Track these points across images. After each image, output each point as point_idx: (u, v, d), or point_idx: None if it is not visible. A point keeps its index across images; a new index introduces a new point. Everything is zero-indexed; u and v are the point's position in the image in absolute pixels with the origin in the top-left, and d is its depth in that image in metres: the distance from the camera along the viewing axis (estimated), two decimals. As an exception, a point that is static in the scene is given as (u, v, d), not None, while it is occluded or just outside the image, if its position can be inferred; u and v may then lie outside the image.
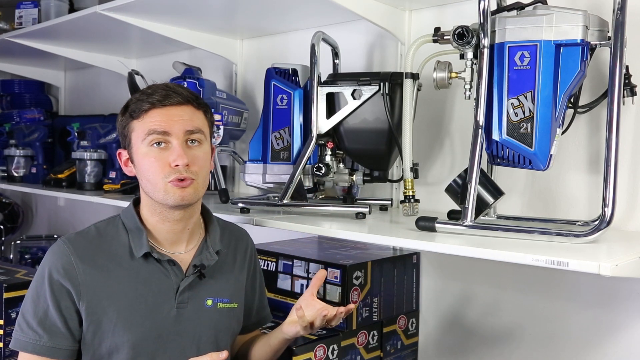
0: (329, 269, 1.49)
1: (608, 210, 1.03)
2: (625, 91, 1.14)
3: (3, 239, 3.10)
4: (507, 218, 1.39)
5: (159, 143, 1.14)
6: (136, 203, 1.24)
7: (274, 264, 1.60)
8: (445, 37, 1.21)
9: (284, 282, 1.58)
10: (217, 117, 1.72)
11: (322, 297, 1.50)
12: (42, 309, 1.13)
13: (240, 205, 1.49)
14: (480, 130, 1.13)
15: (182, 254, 1.22)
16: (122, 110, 1.20)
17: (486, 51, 1.13)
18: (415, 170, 1.35)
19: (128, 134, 1.18)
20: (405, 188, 1.31)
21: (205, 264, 1.21)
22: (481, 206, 1.16)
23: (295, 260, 1.57)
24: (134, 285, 1.16)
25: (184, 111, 1.16)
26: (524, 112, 1.12)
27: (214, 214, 1.39)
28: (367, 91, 1.39)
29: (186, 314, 1.19)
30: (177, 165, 1.13)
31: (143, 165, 1.16)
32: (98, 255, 1.17)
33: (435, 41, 1.24)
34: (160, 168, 1.14)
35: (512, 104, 1.13)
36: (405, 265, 1.63)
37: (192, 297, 1.20)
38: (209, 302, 1.23)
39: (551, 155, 1.13)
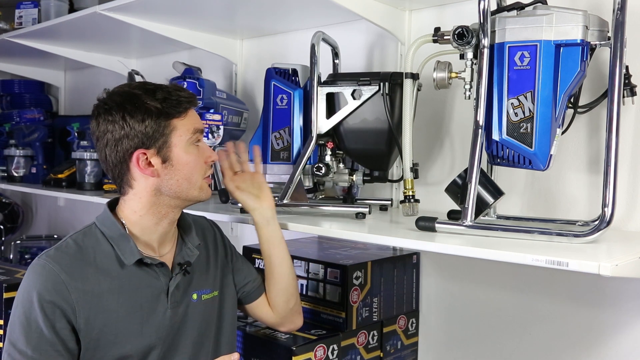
0: (330, 269, 1.50)
1: (608, 210, 1.03)
2: (625, 91, 1.14)
3: (3, 239, 3.10)
4: (507, 218, 1.39)
5: (198, 141, 1.20)
6: (111, 208, 1.22)
7: (274, 264, 1.60)
8: (445, 37, 1.21)
9: (284, 282, 1.58)
10: (217, 117, 1.72)
11: (323, 297, 1.51)
12: (36, 334, 1.06)
13: (240, 205, 1.49)
14: (480, 130, 1.13)
15: (165, 255, 1.23)
16: (146, 111, 1.13)
17: (486, 51, 1.13)
18: (415, 170, 1.35)
19: (167, 132, 1.14)
20: (405, 188, 1.31)
21: (190, 261, 1.23)
22: (481, 206, 1.16)
23: (295, 260, 1.57)
24: (127, 294, 1.15)
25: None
26: (524, 112, 1.12)
27: (214, 213, 1.39)
28: (367, 91, 1.39)
29: (179, 312, 1.20)
30: (212, 161, 1.23)
31: (187, 164, 1.17)
32: (85, 269, 1.13)
33: (435, 41, 1.24)
34: (201, 165, 1.20)
35: (512, 104, 1.13)
36: (405, 265, 1.63)
37: (181, 295, 1.21)
38: (194, 296, 1.24)
39: (551, 155, 1.13)
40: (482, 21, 1.12)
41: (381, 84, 1.38)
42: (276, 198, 1.43)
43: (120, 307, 1.14)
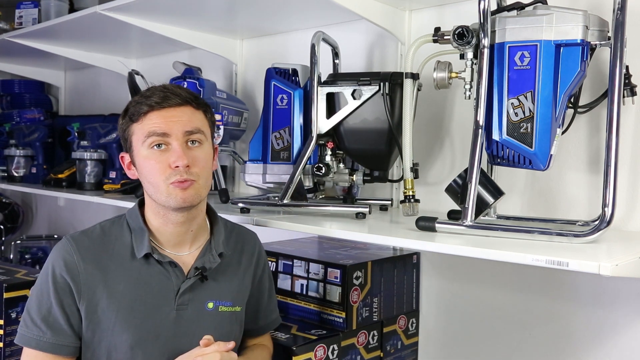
0: (330, 269, 1.50)
1: (608, 210, 1.03)
2: (625, 91, 1.14)
3: (3, 239, 3.10)
4: (507, 218, 1.39)
5: (159, 145, 1.14)
6: (141, 203, 1.24)
7: (274, 264, 1.60)
8: (445, 37, 1.21)
9: (284, 282, 1.58)
10: (217, 117, 1.72)
11: (323, 297, 1.51)
12: (46, 306, 1.14)
13: (240, 205, 1.49)
14: (480, 130, 1.13)
15: (184, 255, 1.22)
16: (123, 114, 1.20)
17: (486, 51, 1.13)
18: (415, 170, 1.35)
19: (129, 137, 1.18)
20: (405, 188, 1.31)
21: (207, 267, 1.21)
22: (481, 206, 1.16)
23: (295, 260, 1.57)
24: (134, 286, 1.16)
25: (183, 112, 1.16)
26: (524, 112, 1.12)
27: (214, 214, 1.39)
28: (367, 91, 1.39)
29: (186, 316, 1.19)
30: (177, 167, 1.13)
31: (144, 168, 1.16)
32: (101, 255, 1.17)
33: (435, 41, 1.24)
34: (161, 170, 1.14)
35: (512, 104, 1.13)
36: (405, 265, 1.63)
37: (192, 299, 1.20)
38: (210, 304, 1.22)
39: (551, 155, 1.13)
40: (482, 21, 1.12)
41: (381, 84, 1.38)
42: (276, 198, 1.43)
43: (124, 297, 1.15)
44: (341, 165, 1.52)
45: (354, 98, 1.41)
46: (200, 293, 1.21)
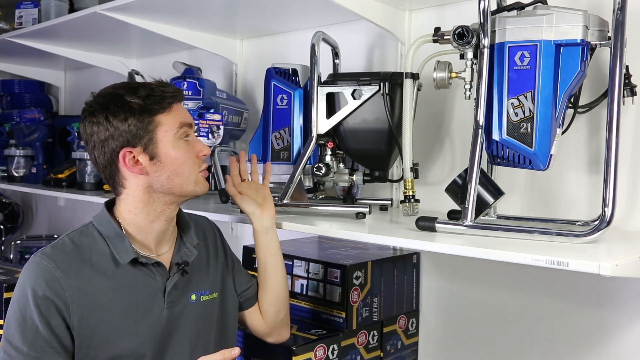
0: (330, 269, 1.50)
1: (608, 210, 1.03)
2: (625, 91, 1.14)
3: (3, 239, 3.10)
4: (507, 218, 1.39)
5: (187, 135, 1.18)
6: (109, 207, 1.22)
7: (274, 264, 1.60)
8: (445, 37, 1.21)
9: (284, 282, 1.58)
10: (217, 117, 1.72)
11: (323, 297, 1.51)
12: (31, 330, 1.06)
13: (241, 205, 1.49)
14: (480, 130, 1.13)
15: (164, 254, 1.22)
16: (128, 109, 1.13)
17: (486, 51, 1.13)
18: (415, 170, 1.35)
19: (152, 128, 1.14)
20: (405, 188, 1.31)
21: (188, 261, 1.22)
22: (481, 206, 1.16)
23: (295, 260, 1.57)
24: (122, 293, 1.14)
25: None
26: (524, 112, 1.12)
27: (214, 213, 1.39)
28: (367, 91, 1.39)
29: (176, 313, 1.20)
30: (204, 155, 1.21)
31: (176, 159, 1.16)
32: (81, 267, 1.13)
33: (435, 41, 1.24)
34: (193, 159, 1.19)
35: (512, 104, 1.13)
36: (405, 265, 1.63)
37: (179, 295, 1.21)
38: (193, 297, 1.23)
39: (551, 155, 1.14)
40: (482, 21, 1.12)
41: (381, 83, 1.38)
42: (276, 198, 1.43)
43: (114, 306, 1.13)
44: (341, 165, 1.52)
45: (354, 98, 1.40)
46: (184, 287, 1.22)
